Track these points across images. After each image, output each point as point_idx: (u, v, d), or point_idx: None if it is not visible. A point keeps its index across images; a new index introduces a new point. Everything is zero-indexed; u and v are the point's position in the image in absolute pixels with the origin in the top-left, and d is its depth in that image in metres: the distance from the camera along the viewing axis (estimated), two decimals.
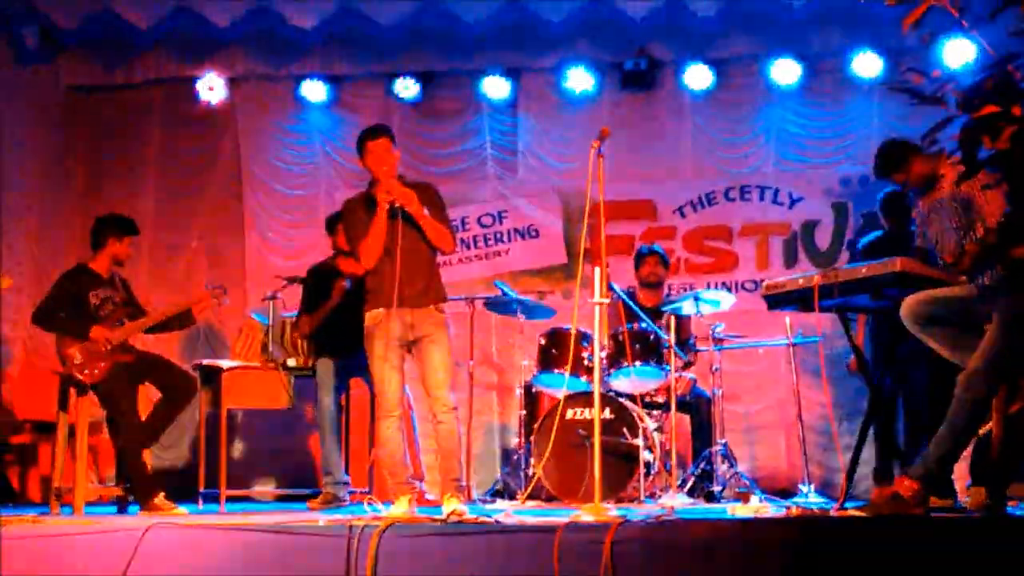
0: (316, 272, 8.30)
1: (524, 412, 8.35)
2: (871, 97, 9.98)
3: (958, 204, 5.77)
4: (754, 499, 7.00)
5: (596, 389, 5.87)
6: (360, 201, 6.50)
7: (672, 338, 7.79)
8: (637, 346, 7.86)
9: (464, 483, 6.56)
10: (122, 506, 7.71)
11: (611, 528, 4.49)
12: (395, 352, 6.37)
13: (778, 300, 6.16)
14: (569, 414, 7.63)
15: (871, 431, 6.41)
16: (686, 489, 7.81)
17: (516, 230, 10.55)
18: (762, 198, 10.22)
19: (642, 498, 7.43)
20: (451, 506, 5.76)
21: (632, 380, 7.93)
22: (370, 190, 6.46)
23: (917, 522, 4.78)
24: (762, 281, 6.91)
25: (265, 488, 9.32)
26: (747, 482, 7.92)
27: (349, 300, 7.84)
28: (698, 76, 10.23)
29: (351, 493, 7.97)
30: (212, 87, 10.68)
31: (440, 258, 6.63)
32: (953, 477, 6.10)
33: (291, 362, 8.20)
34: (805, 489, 7.82)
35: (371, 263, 6.40)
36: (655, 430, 7.90)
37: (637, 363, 7.82)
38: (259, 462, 9.87)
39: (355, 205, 6.56)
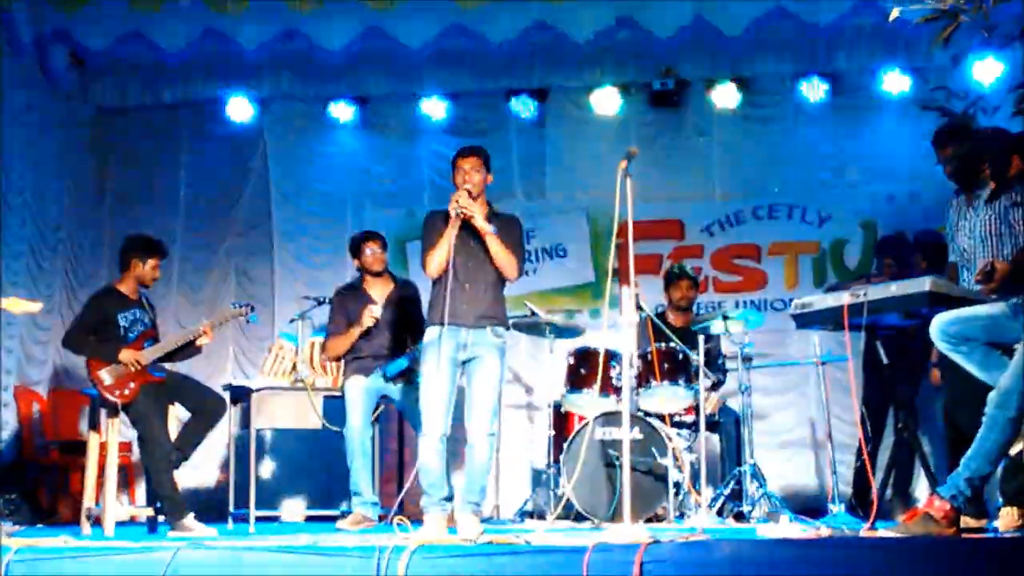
0: (343, 294, 8.30)
1: (553, 432, 8.34)
2: (899, 115, 9.92)
3: (991, 216, 5.76)
4: (783, 519, 6.96)
5: (625, 408, 5.86)
6: (441, 213, 6.53)
7: (701, 357, 7.77)
8: (666, 365, 7.85)
9: (480, 507, 6.51)
10: (152, 527, 7.72)
11: (640, 548, 4.47)
12: (446, 370, 6.34)
13: (807, 319, 6.14)
14: (598, 433, 7.62)
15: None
16: (715, 509, 7.77)
17: (544, 249, 10.55)
18: (790, 217, 10.21)
19: (671, 518, 7.40)
20: (465, 527, 5.80)
21: (661, 399, 7.91)
22: None
23: (948, 543, 4.74)
24: (791, 300, 6.88)
25: (294, 508, 9.32)
26: (776, 502, 7.87)
27: (378, 320, 7.86)
28: (726, 95, 10.23)
29: (381, 513, 7.95)
30: (241, 108, 10.76)
31: None
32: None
33: (320, 382, 8.19)
34: (835, 509, 7.77)
35: (434, 272, 6.43)
36: (684, 450, 7.87)
37: (666, 382, 7.81)
38: (288, 482, 9.84)
39: (435, 216, 6.62)
